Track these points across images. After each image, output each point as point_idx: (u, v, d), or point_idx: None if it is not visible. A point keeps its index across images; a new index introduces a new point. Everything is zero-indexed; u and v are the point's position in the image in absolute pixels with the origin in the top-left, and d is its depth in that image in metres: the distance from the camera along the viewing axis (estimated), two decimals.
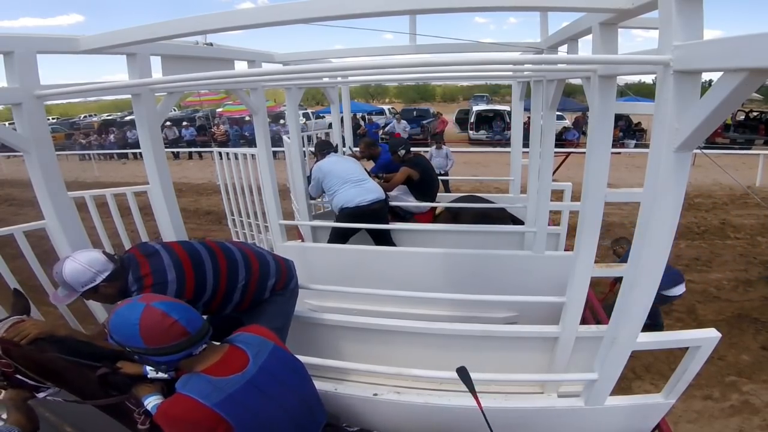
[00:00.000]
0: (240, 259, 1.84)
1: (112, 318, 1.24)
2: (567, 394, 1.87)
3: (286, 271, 1.99)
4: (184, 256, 1.70)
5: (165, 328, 1.20)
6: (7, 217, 8.71)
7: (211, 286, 1.72)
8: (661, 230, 1.21)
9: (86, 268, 1.55)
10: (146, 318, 1.20)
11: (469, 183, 8.19)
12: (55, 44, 1.76)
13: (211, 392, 1.20)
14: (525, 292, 2.34)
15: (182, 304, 1.29)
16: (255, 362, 1.30)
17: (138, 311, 1.21)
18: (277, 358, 1.37)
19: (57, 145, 10.21)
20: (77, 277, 1.54)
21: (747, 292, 4.96)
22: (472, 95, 27.78)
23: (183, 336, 1.22)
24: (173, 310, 1.23)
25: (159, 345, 1.20)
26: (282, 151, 4.17)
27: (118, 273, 1.61)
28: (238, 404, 1.22)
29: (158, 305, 1.23)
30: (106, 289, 1.59)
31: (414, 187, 4.02)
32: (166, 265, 1.64)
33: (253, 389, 1.26)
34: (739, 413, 3.21)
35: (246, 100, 2.79)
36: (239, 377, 1.25)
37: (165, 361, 1.24)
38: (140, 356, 1.25)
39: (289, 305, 2.02)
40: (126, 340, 1.22)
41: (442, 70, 2.39)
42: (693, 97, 1.05)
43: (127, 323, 1.21)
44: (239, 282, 1.80)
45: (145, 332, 1.19)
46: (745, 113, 14.95)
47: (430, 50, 2.97)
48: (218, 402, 1.19)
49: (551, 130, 2.71)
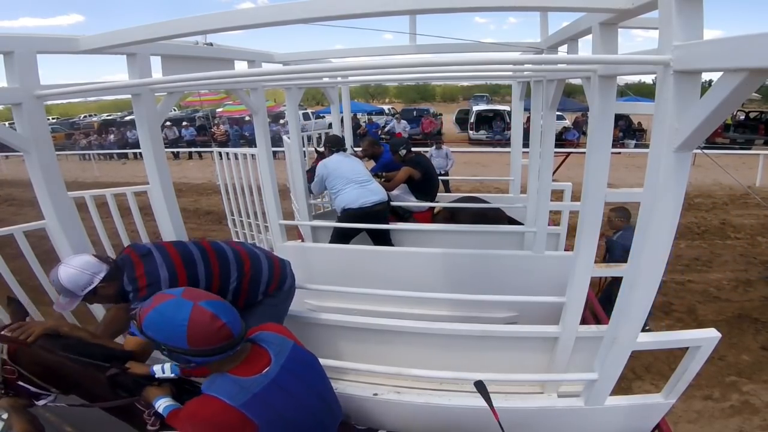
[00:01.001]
0: (232, 259, 1.84)
1: (151, 314, 1.19)
2: (567, 394, 1.86)
3: (280, 272, 1.97)
4: (176, 256, 1.71)
5: (214, 331, 1.17)
6: (7, 217, 8.71)
7: (204, 285, 1.72)
8: (661, 230, 1.21)
9: (81, 271, 1.56)
10: (195, 319, 1.17)
11: (469, 183, 8.19)
12: (55, 44, 1.76)
13: (237, 393, 1.19)
14: (525, 292, 2.34)
15: (227, 305, 1.27)
16: (277, 361, 1.30)
17: (186, 311, 1.17)
18: (297, 357, 1.37)
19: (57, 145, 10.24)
20: (75, 282, 1.54)
21: (747, 292, 4.96)
22: (472, 95, 27.77)
23: (228, 339, 1.20)
24: (222, 312, 1.21)
25: (203, 347, 1.18)
26: (282, 151, 4.17)
27: (114, 273, 1.62)
28: (263, 404, 1.21)
29: (207, 306, 1.20)
30: (105, 290, 1.60)
31: (415, 187, 4.02)
32: (158, 265, 1.65)
33: (277, 388, 1.26)
34: (739, 413, 3.21)
35: (246, 100, 2.79)
36: (263, 377, 1.25)
37: (200, 361, 1.21)
38: (173, 354, 1.21)
39: (282, 308, 2.02)
40: (166, 338, 1.18)
41: (443, 70, 2.39)
42: (693, 97, 1.05)
43: (172, 322, 1.17)
44: (231, 282, 1.80)
45: (192, 333, 1.16)
46: (745, 113, 14.95)
47: (430, 50, 2.96)
48: (244, 402, 1.18)
49: (551, 130, 2.71)
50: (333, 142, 3.86)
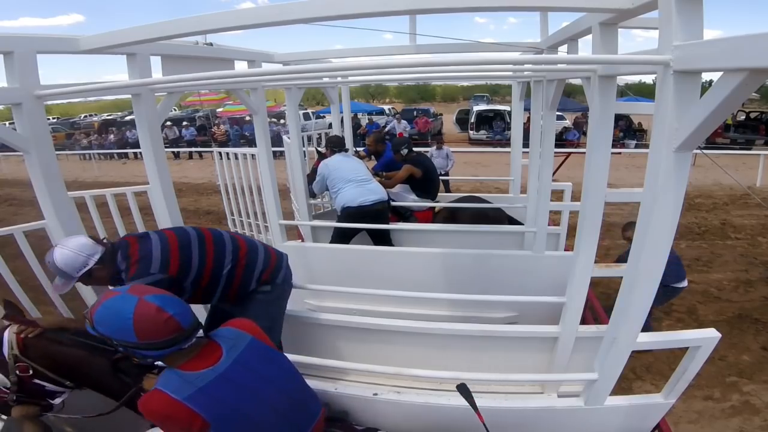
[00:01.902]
0: (228, 243, 1.86)
1: (99, 310, 1.21)
2: (567, 394, 1.86)
3: (275, 262, 1.97)
4: (172, 237, 1.76)
5: (160, 323, 1.19)
6: (7, 217, 8.71)
7: (197, 265, 1.73)
8: (661, 230, 1.21)
9: (77, 253, 1.57)
10: (141, 312, 1.18)
11: (469, 183, 8.18)
12: (55, 44, 1.76)
13: (180, 386, 1.20)
14: (525, 292, 2.34)
15: (174, 298, 1.28)
16: (229, 356, 1.29)
17: (131, 305, 1.18)
18: (255, 351, 1.36)
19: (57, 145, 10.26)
20: (70, 264, 1.55)
21: (747, 293, 4.95)
22: (472, 95, 27.78)
23: (177, 331, 1.21)
24: (168, 305, 1.22)
25: (152, 340, 1.19)
26: (282, 151, 4.17)
27: (109, 255, 1.64)
28: (210, 398, 1.21)
29: (151, 299, 1.21)
30: (100, 272, 1.61)
31: (416, 186, 4.03)
32: (153, 244, 1.69)
33: (226, 383, 1.25)
34: (739, 413, 3.21)
35: (246, 100, 2.79)
36: (210, 371, 1.25)
37: (154, 355, 1.23)
38: (127, 349, 1.22)
39: (277, 306, 1.99)
40: (115, 333, 1.20)
41: (443, 70, 2.39)
42: (693, 97, 1.05)
43: (118, 316, 1.19)
44: (225, 265, 1.81)
45: (138, 326, 1.17)
46: (745, 113, 14.95)
47: (430, 50, 2.97)
48: (188, 396, 1.19)
49: (551, 130, 2.71)
50: (335, 142, 3.86)
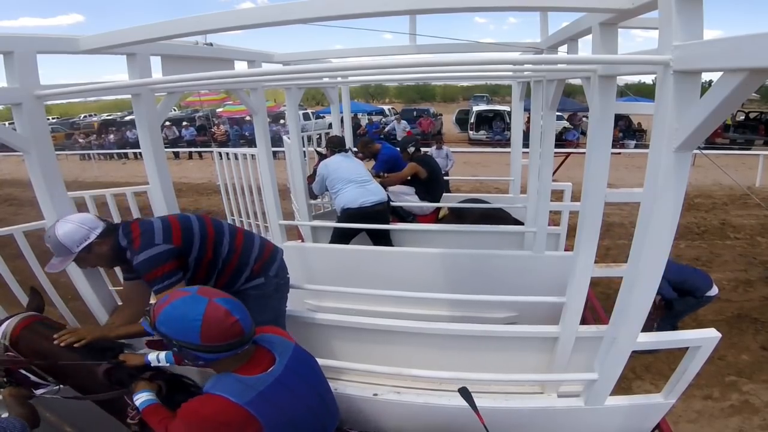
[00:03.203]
0: (226, 228, 1.89)
1: (167, 308, 1.21)
2: (567, 394, 1.86)
3: (270, 254, 1.96)
4: (171, 216, 1.80)
5: (227, 327, 1.19)
6: (7, 217, 8.71)
7: (199, 243, 1.74)
8: (661, 230, 1.21)
9: (79, 225, 1.57)
10: (210, 315, 1.18)
11: (469, 183, 8.19)
12: (55, 44, 1.76)
13: (242, 391, 1.20)
14: (525, 292, 2.34)
15: (239, 303, 1.28)
16: (281, 361, 1.31)
17: (201, 307, 1.18)
18: (299, 357, 1.38)
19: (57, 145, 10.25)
20: (71, 236, 1.55)
21: (747, 293, 4.96)
22: (472, 95, 27.77)
23: (239, 336, 1.21)
24: (235, 309, 1.22)
25: (215, 343, 1.19)
26: (282, 151, 4.17)
27: (110, 230, 1.65)
28: (268, 402, 1.22)
29: (221, 302, 1.21)
30: (100, 247, 1.61)
31: (420, 187, 4.01)
32: (152, 220, 1.73)
33: (281, 387, 1.27)
34: (739, 413, 3.21)
35: (246, 100, 2.79)
36: (267, 376, 1.26)
37: (210, 358, 1.22)
38: (184, 350, 1.21)
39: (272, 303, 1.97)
40: (179, 333, 1.19)
41: (443, 70, 2.39)
42: (693, 97, 1.05)
43: (186, 317, 1.18)
44: (224, 247, 1.82)
45: (206, 329, 1.17)
46: (745, 113, 14.95)
47: (430, 50, 2.96)
48: (249, 400, 1.19)
49: (551, 130, 2.71)
50: (335, 143, 3.86)
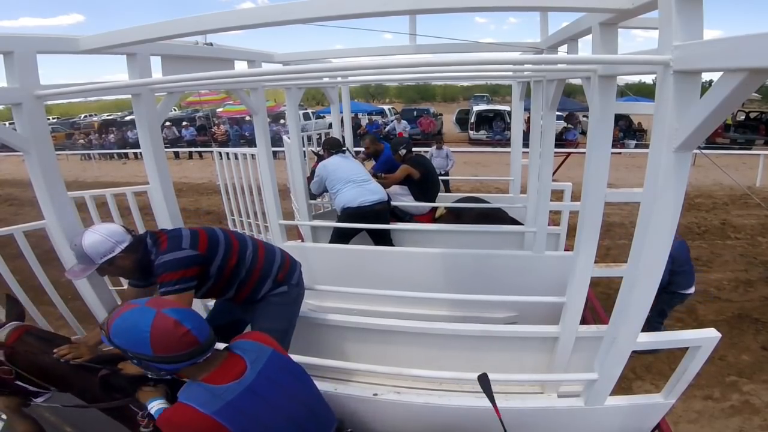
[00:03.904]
0: (249, 240, 1.94)
1: (117, 321, 1.21)
2: (567, 394, 1.87)
3: (290, 264, 2.03)
4: (198, 227, 1.82)
5: (177, 338, 1.18)
6: (7, 217, 8.71)
7: (223, 251, 1.77)
8: (661, 230, 1.21)
9: (106, 238, 1.58)
10: (158, 326, 1.18)
11: (469, 183, 8.19)
12: (55, 44, 1.76)
13: (209, 400, 1.19)
14: (525, 292, 2.34)
15: (192, 312, 1.28)
16: (253, 369, 1.29)
17: (149, 318, 1.18)
18: (276, 364, 1.36)
19: (57, 145, 10.25)
20: (96, 248, 1.56)
21: (747, 293, 4.96)
22: (472, 95, 27.77)
23: (193, 345, 1.20)
24: (186, 319, 1.21)
25: (167, 354, 1.18)
26: (282, 151, 4.16)
27: (137, 244, 1.66)
28: (237, 411, 1.20)
29: (169, 313, 1.20)
30: (123, 261, 1.62)
31: (414, 187, 4.02)
32: (180, 229, 1.80)
33: (252, 396, 1.25)
34: (739, 413, 3.21)
35: (246, 100, 2.79)
36: (237, 384, 1.24)
37: (168, 369, 1.22)
38: (141, 362, 1.22)
39: (290, 311, 2.01)
40: (131, 345, 1.19)
41: (443, 70, 2.39)
42: (693, 97, 1.05)
43: (135, 329, 1.18)
44: (247, 257, 1.85)
45: (155, 340, 1.17)
46: (745, 113, 14.95)
47: (430, 50, 2.96)
48: (217, 410, 1.18)
49: (551, 130, 2.71)
50: (332, 144, 3.86)
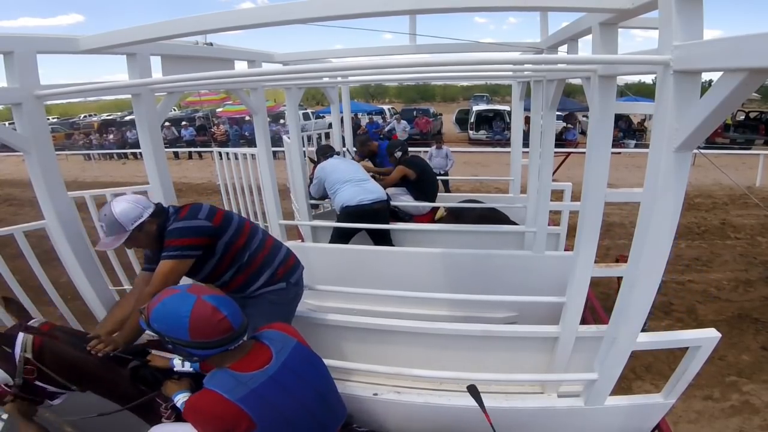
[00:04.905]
0: (260, 230, 1.99)
1: (158, 307, 1.25)
2: (567, 394, 1.86)
3: (294, 262, 2.05)
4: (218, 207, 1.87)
5: (214, 324, 1.22)
6: (7, 217, 8.71)
7: (235, 228, 1.81)
8: (661, 230, 1.21)
9: (134, 204, 1.64)
10: (197, 311, 1.22)
11: (469, 183, 8.18)
12: (55, 44, 1.77)
13: (234, 387, 1.23)
14: (525, 292, 2.34)
15: (228, 299, 1.32)
16: (278, 358, 1.32)
17: (189, 303, 1.22)
18: (299, 355, 1.39)
19: (57, 145, 10.26)
20: (127, 214, 1.62)
21: (747, 292, 4.95)
22: (472, 95, 27.76)
23: (228, 332, 1.24)
24: (223, 306, 1.26)
25: (203, 339, 1.22)
26: (282, 151, 4.17)
27: (161, 210, 1.72)
28: (261, 399, 1.24)
29: (209, 299, 1.25)
30: (150, 226, 1.67)
31: (412, 188, 4.02)
32: (202, 203, 1.82)
33: (275, 385, 1.28)
34: (739, 413, 3.21)
35: (246, 100, 2.79)
36: (261, 373, 1.28)
37: (202, 354, 1.26)
38: (177, 347, 1.26)
39: (287, 310, 2.01)
40: (169, 330, 1.23)
41: (442, 70, 2.40)
42: (693, 97, 1.05)
43: (175, 314, 1.22)
44: (254, 243, 1.88)
45: (194, 326, 1.21)
46: (745, 113, 14.96)
47: (430, 50, 2.96)
48: (241, 397, 1.21)
49: (551, 130, 2.71)
50: (324, 151, 3.88)
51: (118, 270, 2.77)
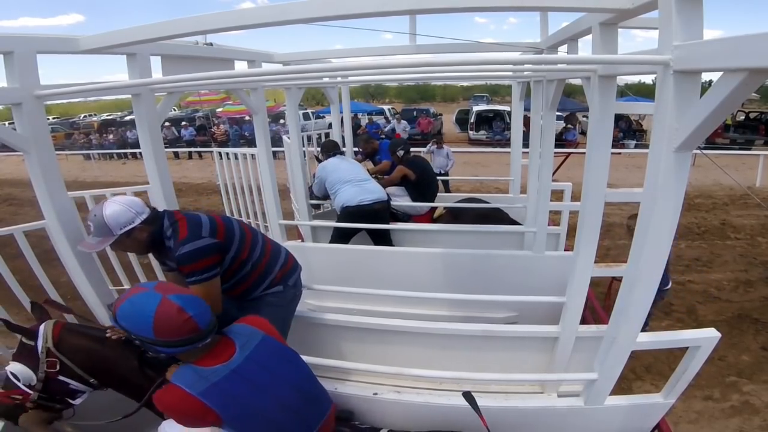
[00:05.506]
0: (259, 236, 1.96)
1: (124, 304, 1.25)
2: (567, 393, 1.86)
3: (292, 264, 2.04)
4: (215, 214, 1.82)
5: (179, 324, 1.22)
6: (7, 217, 8.71)
7: (238, 240, 1.78)
8: (661, 230, 1.21)
9: (127, 208, 1.56)
10: (162, 311, 1.22)
11: (469, 183, 8.19)
12: (55, 44, 1.76)
13: (196, 381, 1.24)
14: (525, 292, 2.34)
15: (196, 299, 1.31)
16: (241, 352, 1.32)
17: (154, 303, 1.22)
18: (267, 349, 1.39)
19: (57, 145, 10.26)
20: (117, 218, 1.54)
21: (747, 293, 4.96)
22: (472, 95, 27.77)
23: (194, 332, 1.24)
24: (189, 306, 1.25)
25: (168, 338, 1.23)
26: (282, 151, 4.17)
27: (154, 216, 1.64)
28: (222, 393, 1.24)
29: (175, 299, 1.24)
30: (141, 233, 1.60)
31: (412, 188, 4.02)
32: (198, 214, 1.74)
33: (239, 378, 1.28)
34: (739, 414, 3.21)
35: (246, 100, 2.79)
36: (224, 367, 1.28)
37: (168, 351, 1.26)
38: (144, 344, 1.27)
39: (286, 311, 2.02)
40: (135, 328, 1.24)
41: (443, 70, 2.39)
42: (693, 97, 1.05)
43: (140, 313, 1.22)
44: (256, 251, 1.86)
45: (158, 325, 1.21)
46: (745, 113, 14.95)
47: (430, 50, 2.96)
48: (202, 391, 1.22)
49: (551, 130, 2.71)
50: (329, 147, 3.87)
51: (118, 270, 2.77)
